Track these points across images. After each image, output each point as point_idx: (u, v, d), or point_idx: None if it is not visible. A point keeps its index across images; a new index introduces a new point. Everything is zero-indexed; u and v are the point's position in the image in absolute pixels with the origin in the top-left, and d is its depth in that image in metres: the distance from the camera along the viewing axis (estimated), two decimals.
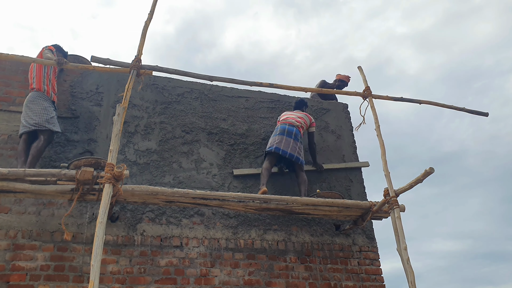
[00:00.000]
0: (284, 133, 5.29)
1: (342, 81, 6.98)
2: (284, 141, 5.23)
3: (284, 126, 5.36)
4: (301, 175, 5.27)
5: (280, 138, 5.25)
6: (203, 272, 4.61)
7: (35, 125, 4.34)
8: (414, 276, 3.98)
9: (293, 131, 5.31)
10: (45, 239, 4.31)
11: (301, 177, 5.26)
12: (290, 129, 5.32)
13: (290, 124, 5.37)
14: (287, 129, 5.32)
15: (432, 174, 4.23)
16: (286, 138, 5.26)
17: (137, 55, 4.31)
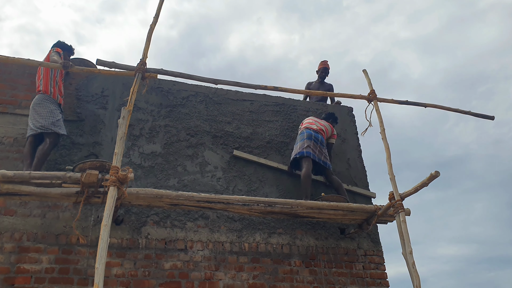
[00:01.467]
0: (311, 138, 5.39)
1: (325, 69, 7.05)
2: (313, 147, 5.34)
3: (310, 132, 5.45)
4: (335, 179, 5.39)
5: (309, 143, 5.35)
6: (207, 276, 4.60)
7: (41, 128, 4.35)
8: (419, 281, 3.95)
9: (319, 138, 5.44)
10: (50, 242, 4.32)
11: (336, 181, 5.38)
12: (316, 135, 5.43)
13: (315, 131, 5.47)
14: (313, 135, 5.42)
15: (437, 178, 4.22)
16: (314, 143, 5.37)
17: (142, 58, 4.33)
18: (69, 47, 4.88)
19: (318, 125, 5.56)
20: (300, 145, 5.39)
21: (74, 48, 4.93)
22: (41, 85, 4.57)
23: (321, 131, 5.52)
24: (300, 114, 6.08)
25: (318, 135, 5.44)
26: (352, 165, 5.93)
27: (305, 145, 5.33)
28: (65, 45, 4.85)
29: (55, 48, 4.69)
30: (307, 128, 5.51)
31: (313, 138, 5.38)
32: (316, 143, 5.37)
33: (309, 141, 5.36)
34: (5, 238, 4.22)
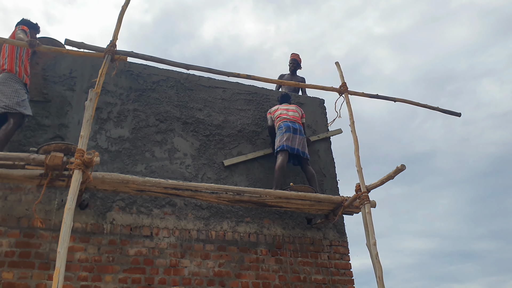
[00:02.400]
0: (290, 131, 5.40)
1: (294, 60, 7.17)
2: (292, 139, 5.37)
3: (288, 124, 5.46)
4: (309, 169, 5.42)
5: (288, 136, 5.37)
6: (172, 263, 4.57)
7: (5, 108, 4.21)
8: (382, 271, 4.03)
9: (297, 127, 5.49)
10: (11, 225, 4.21)
11: (309, 172, 5.41)
12: (294, 126, 5.46)
13: (292, 121, 5.50)
14: (291, 126, 5.44)
15: (403, 173, 4.30)
16: (293, 135, 5.40)
17: (112, 40, 4.23)
18: (35, 25, 4.73)
19: (292, 114, 5.60)
20: (280, 138, 5.42)
21: (40, 27, 4.78)
22: (6, 64, 4.41)
23: (296, 119, 5.57)
24: (273, 104, 6.07)
25: (296, 124, 5.50)
26: (322, 156, 5.98)
27: (284, 138, 5.37)
28: (31, 23, 4.69)
29: (21, 26, 4.53)
30: (284, 121, 5.52)
31: (291, 130, 5.41)
32: (295, 134, 5.42)
33: (288, 134, 5.39)
34: None
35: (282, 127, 5.47)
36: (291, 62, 7.13)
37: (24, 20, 4.69)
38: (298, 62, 7.16)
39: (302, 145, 5.44)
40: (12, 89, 4.29)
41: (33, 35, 4.60)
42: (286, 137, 5.37)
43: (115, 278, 4.31)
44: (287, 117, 5.55)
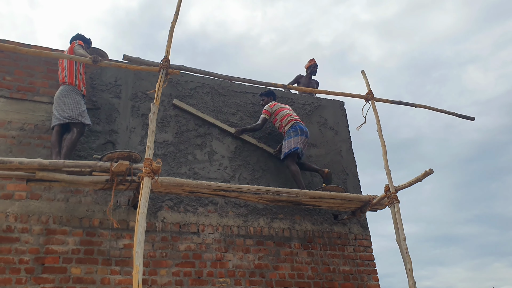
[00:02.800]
0: (303, 134, 5.77)
1: (315, 66, 7.62)
2: (302, 141, 5.73)
3: (302, 126, 5.81)
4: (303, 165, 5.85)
5: (301, 139, 5.72)
6: (218, 257, 5.03)
7: (68, 118, 4.59)
8: (411, 264, 4.53)
9: (306, 129, 5.85)
10: (74, 225, 4.61)
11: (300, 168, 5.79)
12: (305, 129, 5.82)
13: (302, 123, 5.87)
14: (305, 130, 5.80)
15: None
16: (304, 138, 5.77)
17: (165, 55, 4.59)
18: (88, 40, 5.09)
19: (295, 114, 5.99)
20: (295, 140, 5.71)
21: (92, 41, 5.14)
22: (66, 77, 4.78)
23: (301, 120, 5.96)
24: (297, 107, 6.50)
25: (304, 127, 5.84)
26: (344, 156, 6.44)
27: (299, 141, 5.70)
28: (85, 38, 5.05)
29: (78, 41, 4.89)
30: (298, 121, 5.84)
31: (304, 134, 5.76)
32: (306, 137, 5.79)
33: (302, 137, 5.73)
34: (32, 220, 4.49)
35: (297, 129, 5.77)
36: (314, 66, 7.53)
37: (79, 35, 5.04)
38: (317, 68, 7.57)
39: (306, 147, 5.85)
40: (74, 101, 4.67)
41: (86, 49, 4.96)
42: (301, 140, 5.70)
43: (168, 272, 4.75)
44: (298, 119, 5.90)
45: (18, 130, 4.84)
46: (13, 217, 4.44)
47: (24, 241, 4.37)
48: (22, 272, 4.23)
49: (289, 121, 5.86)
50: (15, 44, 4.82)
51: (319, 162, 6.23)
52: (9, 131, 4.81)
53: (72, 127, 4.62)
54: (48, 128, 4.93)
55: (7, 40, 5.08)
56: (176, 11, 4.84)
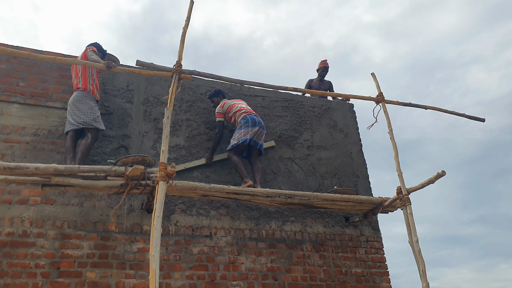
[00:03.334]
0: (255, 125, 5.48)
1: (325, 68, 7.64)
2: (254, 132, 5.45)
3: (252, 117, 5.54)
4: (258, 162, 5.58)
5: (253, 130, 5.44)
6: (231, 260, 5.05)
7: (83, 124, 4.64)
8: (424, 266, 4.53)
9: (258, 120, 5.55)
10: (88, 229, 4.65)
11: (257, 165, 5.55)
12: (258, 120, 5.54)
13: (255, 114, 5.60)
14: (256, 120, 5.52)
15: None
16: (258, 128, 5.48)
17: (178, 60, 4.63)
18: (104, 50, 5.15)
19: (249, 107, 5.74)
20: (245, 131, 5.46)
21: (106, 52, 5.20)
22: (80, 83, 4.82)
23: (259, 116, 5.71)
24: (307, 110, 6.52)
25: (259, 119, 5.59)
26: (354, 158, 6.46)
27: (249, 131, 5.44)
28: (100, 46, 5.11)
29: (91, 47, 4.94)
30: (249, 113, 5.60)
31: (257, 125, 5.50)
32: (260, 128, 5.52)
33: (254, 128, 5.46)
34: (48, 225, 4.53)
35: (248, 120, 5.49)
36: (323, 70, 7.58)
37: (96, 43, 5.09)
38: (328, 69, 7.62)
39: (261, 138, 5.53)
40: (88, 106, 4.71)
41: (99, 54, 5.00)
42: (251, 131, 5.42)
43: (182, 275, 4.78)
44: (250, 111, 5.64)
45: (32, 135, 4.89)
46: (29, 222, 4.48)
47: (40, 245, 4.41)
48: (38, 276, 4.27)
49: (241, 113, 5.60)
50: (30, 51, 4.88)
51: (329, 164, 6.25)
52: (23, 137, 4.86)
53: (87, 133, 4.66)
54: (61, 133, 4.98)
55: (21, 47, 5.13)
56: (188, 16, 4.87)
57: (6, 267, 4.20)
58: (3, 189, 4.53)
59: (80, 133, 4.74)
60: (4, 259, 4.23)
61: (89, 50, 4.86)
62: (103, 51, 5.13)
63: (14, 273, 4.20)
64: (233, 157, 5.41)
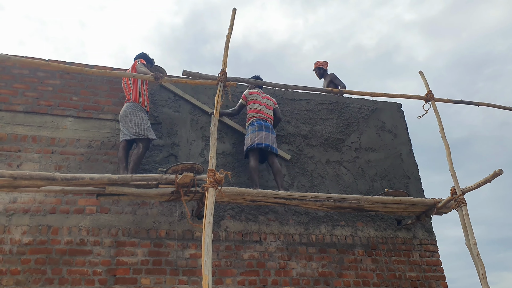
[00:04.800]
0: (262, 129, 5.45)
1: (316, 69, 7.52)
2: (265, 136, 5.41)
3: (260, 122, 5.51)
4: (277, 163, 5.46)
5: (262, 134, 5.41)
6: (281, 265, 5.04)
7: (135, 134, 4.78)
8: (484, 269, 4.34)
9: (269, 126, 5.53)
10: (142, 236, 4.77)
11: (277, 166, 5.43)
12: (266, 125, 5.51)
13: (264, 119, 5.55)
14: (264, 125, 5.49)
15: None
16: (265, 133, 5.44)
17: (222, 68, 4.69)
18: (152, 60, 5.29)
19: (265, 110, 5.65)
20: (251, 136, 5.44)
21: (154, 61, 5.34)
22: (131, 94, 4.98)
23: (270, 118, 5.63)
24: (353, 111, 6.43)
25: (269, 124, 5.55)
26: (405, 159, 6.29)
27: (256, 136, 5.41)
28: (148, 57, 5.26)
29: (140, 59, 5.09)
30: (258, 119, 5.55)
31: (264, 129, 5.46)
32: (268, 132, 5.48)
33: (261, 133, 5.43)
34: (103, 233, 4.68)
35: (255, 125, 5.49)
36: (316, 71, 7.48)
37: (143, 54, 5.25)
38: (320, 69, 7.46)
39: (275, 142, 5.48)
40: (139, 117, 4.85)
41: (148, 68, 5.15)
42: (258, 136, 5.39)
43: (234, 281, 4.81)
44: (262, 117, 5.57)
45: (86, 147, 5.08)
46: (85, 230, 4.65)
47: (97, 253, 4.56)
48: (96, 283, 4.41)
49: (249, 118, 5.61)
50: (82, 66, 5.09)
51: (379, 166, 6.13)
52: (78, 149, 5.06)
53: (138, 143, 4.80)
54: (113, 144, 5.14)
55: (73, 63, 5.36)
56: (231, 24, 4.93)
57: (66, 274, 4.37)
58: (61, 200, 4.73)
59: (132, 143, 4.89)
60: (64, 266, 4.41)
61: (138, 62, 5.01)
62: (150, 61, 5.27)
63: (73, 280, 4.36)
64: (249, 163, 5.39)
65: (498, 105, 5.53)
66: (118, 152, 4.85)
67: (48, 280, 4.30)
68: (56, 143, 5.04)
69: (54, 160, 4.95)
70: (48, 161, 4.94)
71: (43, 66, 4.42)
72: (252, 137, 5.42)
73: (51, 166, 4.91)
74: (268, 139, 5.42)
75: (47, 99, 5.24)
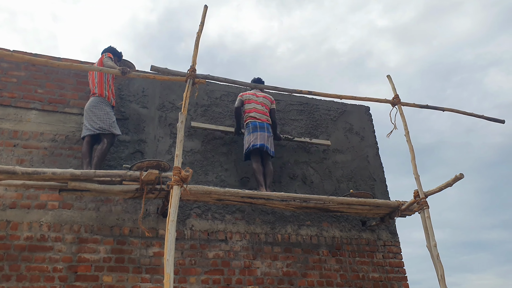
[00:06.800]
0: (257, 130, 5.49)
1: None
2: (260, 136, 5.45)
3: (255, 123, 5.55)
4: (270, 165, 5.51)
5: (257, 135, 5.45)
6: (246, 264, 5.04)
7: (99, 129, 4.69)
8: (443, 270, 4.44)
9: (264, 125, 5.56)
10: (105, 233, 4.69)
11: (269, 168, 5.48)
12: (261, 124, 5.55)
13: (260, 121, 5.58)
14: (258, 125, 5.53)
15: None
16: (261, 133, 5.48)
17: (192, 65, 4.65)
18: (119, 53, 5.20)
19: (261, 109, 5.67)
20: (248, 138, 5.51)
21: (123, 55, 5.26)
22: (96, 88, 4.89)
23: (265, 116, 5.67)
24: (322, 113, 6.49)
25: (264, 123, 5.58)
26: (371, 162, 6.39)
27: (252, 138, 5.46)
28: (116, 51, 5.17)
29: (107, 53, 5.00)
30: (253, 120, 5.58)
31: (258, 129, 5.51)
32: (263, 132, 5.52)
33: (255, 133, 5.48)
34: (65, 230, 4.58)
35: (250, 126, 5.55)
36: None
37: (111, 47, 5.16)
38: None
39: (270, 143, 5.53)
40: (104, 112, 4.77)
41: (116, 62, 5.07)
42: (253, 138, 5.44)
43: (198, 280, 4.78)
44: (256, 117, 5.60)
45: (50, 141, 4.97)
46: (47, 226, 4.54)
47: (58, 249, 4.46)
48: (56, 280, 4.32)
49: (246, 119, 5.67)
50: (47, 58, 4.97)
51: (345, 168, 6.20)
52: (42, 142, 4.94)
53: (103, 138, 4.72)
54: (78, 139, 5.04)
55: (39, 54, 5.23)
56: (202, 21, 4.89)
57: (25, 271, 4.26)
58: (22, 194, 4.61)
59: (97, 138, 4.80)
60: (22, 263, 4.29)
61: (105, 56, 4.93)
62: (118, 55, 5.19)
63: (32, 277, 4.26)
64: (252, 164, 5.43)
65: (462, 111, 5.66)
66: (82, 147, 4.76)
67: (5, 277, 4.18)
68: (18, 136, 4.91)
69: (16, 153, 4.82)
70: (10, 155, 4.81)
71: (6, 57, 4.29)
72: (248, 140, 5.49)
73: (13, 159, 4.78)
74: (264, 139, 5.45)
75: (11, 91, 5.11)
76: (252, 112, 5.63)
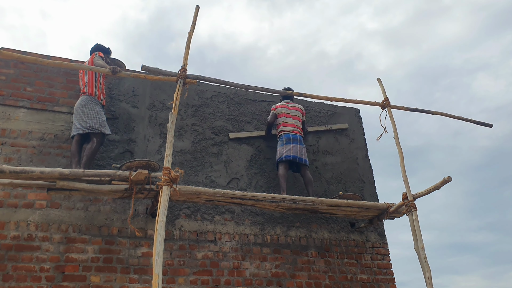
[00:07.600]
0: (290, 142, 5.68)
1: None
2: (293, 148, 5.63)
3: (288, 135, 5.73)
4: (308, 174, 5.68)
5: (290, 147, 5.64)
6: (235, 265, 5.04)
7: (89, 128, 4.67)
8: (430, 273, 4.48)
9: (297, 137, 5.75)
10: (93, 233, 4.67)
11: (308, 177, 5.65)
12: (294, 137, 5.73)
13: (293, 132, 5.75)
14: (291, 137, 5.72)
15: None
16: (293, 145, 5.66)
17: (183, 65, 4.63)
18: (108, 49, 5.17)
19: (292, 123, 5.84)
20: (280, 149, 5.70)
21: (111, 51, 5.22)
22: (86, 87, 4.86)
23: (298, 129, 5.84)
24: (313, 115, 6.51)
25: (296, 136, 5.75)
26: (360, 164, 6.43)
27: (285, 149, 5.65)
28: (104, 47, 5.14)
29: (97, 52, 4.97)
30: (286, 133, 5.76)
31: (291, 141, 5.69)
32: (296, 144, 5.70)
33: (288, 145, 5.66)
34: (53, 229, 4.55)
35: (283, 138, 5.73)
36: None
37: (98, 45, 5.12)
38: None
39: (304, 154, 5.70)
40: (94, 111, 4.75)
41: (106, 59, 5.04)
42: (286, 149, 5.63)
43: (186, 280, 4.77)
44: (288, 130, 5.78)
45: (38, 140, 4.93)
46: (34, 225, 4.50)
47: (45, 249, 4.43)
48: (43, 280, 4.28)
49: (279, 132, 5.84)
50: (37, 56, 4.93)
51: (335, 169, 6.23)
52: (30, 141, 4.90)
53: (92, 137, 4.69)
54: (67, 137, 5.01)
55: (29, 52, 5.19)
56: (193, 22, 4.88)
57: (11, 270, 4.22)
58: (9, 193, 4.57)
59: (86, 137, 4.77)
60: (9, 262, 4.25)
61: (96, 55, 4.90)
62: (107, 51, 5.15)
63: (19, 277, 4.22)
64: (278, 170, 5.63)
65: (450, 114, 5.72)
66: (72, 146, 4.72)
67: None
68: (6, 134, 4.86)
69: (4, 152, 4.78)
70: None
71: None
72: (280, 151, 5.69)
73: (0, 158, 4.73)
74: (296, 150, 5.65)
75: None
76: (286, 126, 5.82)
